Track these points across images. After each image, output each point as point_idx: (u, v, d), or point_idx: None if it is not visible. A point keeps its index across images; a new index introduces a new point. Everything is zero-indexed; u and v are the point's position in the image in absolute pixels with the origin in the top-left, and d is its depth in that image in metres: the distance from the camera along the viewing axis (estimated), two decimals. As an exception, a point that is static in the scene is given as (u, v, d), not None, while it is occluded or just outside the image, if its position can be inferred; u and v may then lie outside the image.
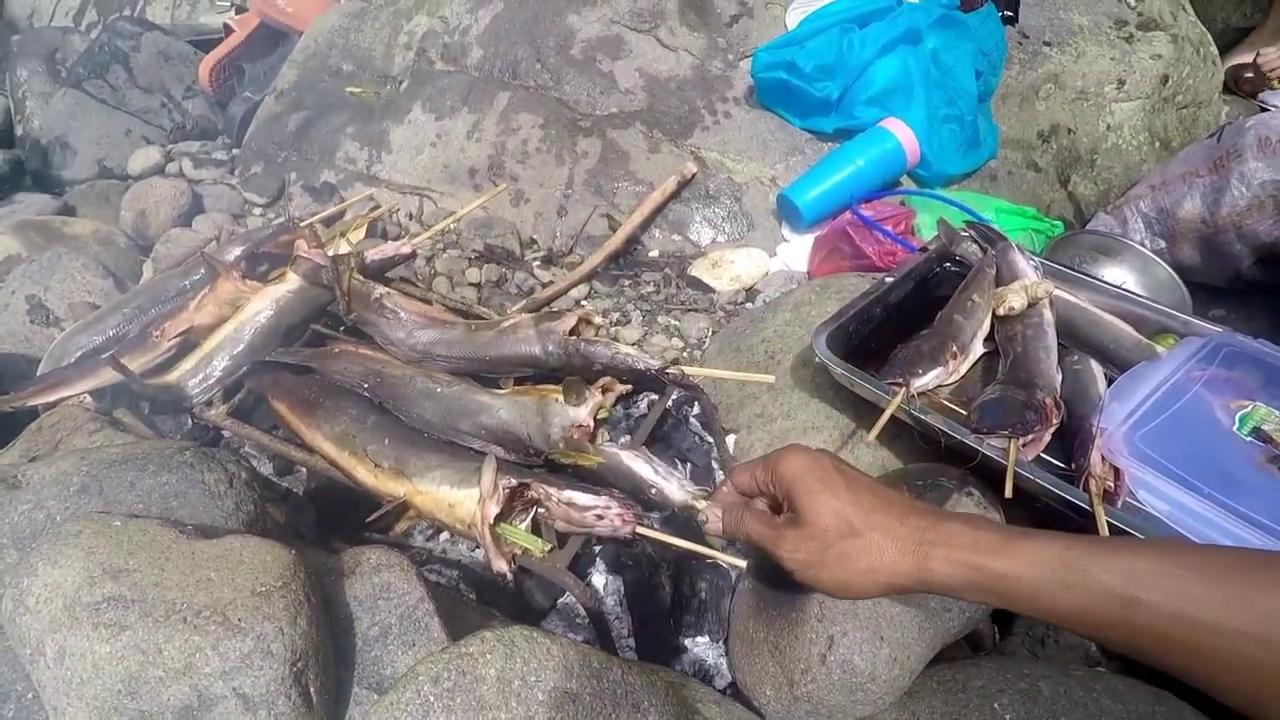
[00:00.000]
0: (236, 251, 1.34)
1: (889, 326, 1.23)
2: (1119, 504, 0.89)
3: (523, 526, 0.90)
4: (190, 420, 1.19)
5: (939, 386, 1.10)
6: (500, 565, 0.83)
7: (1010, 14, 1.87)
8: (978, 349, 1.16)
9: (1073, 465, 0.95)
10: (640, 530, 0.86)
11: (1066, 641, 1.02)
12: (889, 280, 1.25)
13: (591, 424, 0.93)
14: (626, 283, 1.62)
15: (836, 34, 1.72)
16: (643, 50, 1.89)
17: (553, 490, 0.86)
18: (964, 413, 1.04)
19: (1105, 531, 0.82)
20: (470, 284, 1.60)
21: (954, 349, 1.10)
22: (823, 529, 0.67)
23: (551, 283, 1.59)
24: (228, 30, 2.53)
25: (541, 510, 0.90)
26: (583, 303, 1.57)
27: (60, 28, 2.77)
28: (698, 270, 1.65)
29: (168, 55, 2.51)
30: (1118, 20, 1.95)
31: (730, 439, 1.24)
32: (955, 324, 1.14)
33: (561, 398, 0.94)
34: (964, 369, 1.14)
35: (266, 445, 1.08)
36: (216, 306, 1.22)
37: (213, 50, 2.48)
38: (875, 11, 1.78)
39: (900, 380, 1.04)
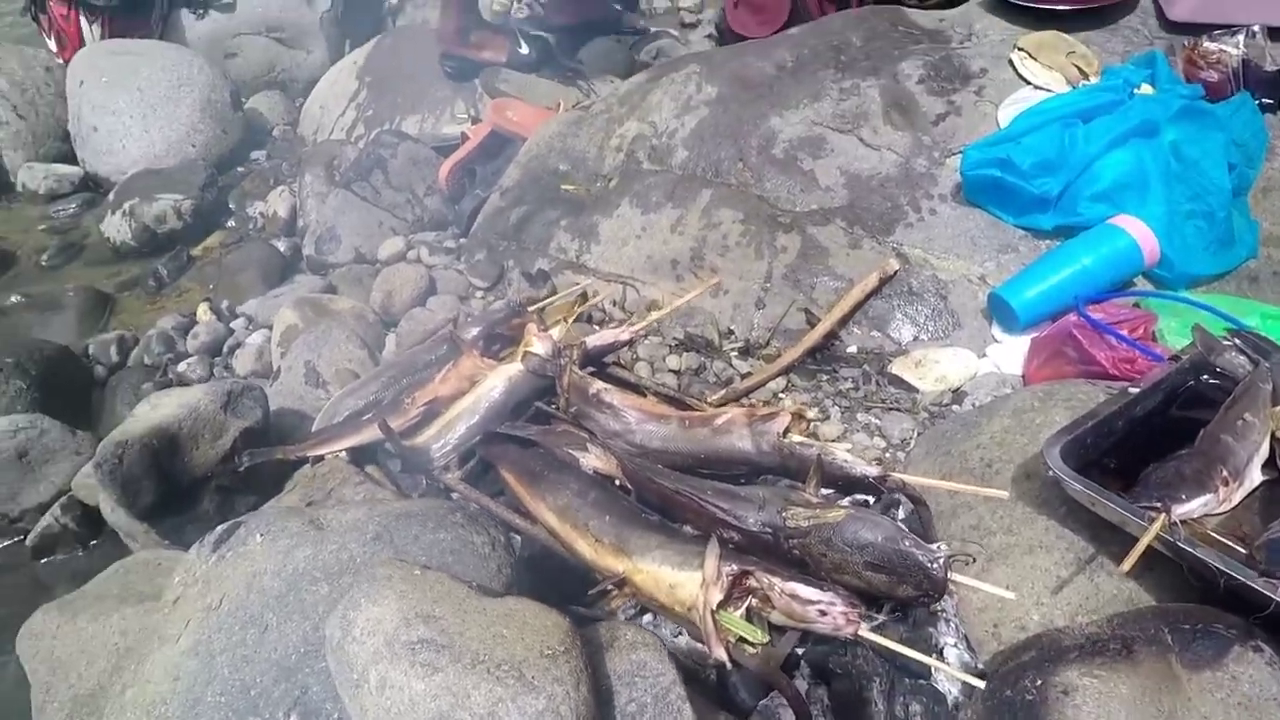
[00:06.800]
0: (475, 332, 1.51)
1: (1132, 444, 1.12)
2: None
3: (737, 615, 0.89)
4: (424, 481, 1.33)
5: (1205, 516, 0.97)
6: (720, 653, 0.82)
7: (1270, 100, 1.70)
8: (1254, 476, 1.02)
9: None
10: (862, 632, 0.83)
11: None
12: (1134, 391, 1.14)
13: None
14: (824, 378, 1.61)
15: (1058, 129, 1.66)
16: (844, 149, 1.93)
17: (776, 580, 0.85)
18: (1242, 550, 0.91)
19: None
20: (670, 370, 1.67)
21: (1224, 474, 0.98)
22: None
23: (750, 374, 1.62)
24: (464, 138, 2.94)
25: (755, 601, 0.89)
26: (779, 394, 1.57)
27: (337, 140, 3.34)
28: (899, 368, 1.60)
29: (415, 160, 2.94)
30: None
31: (943, 551, 1.16)
32: (1224, 445, 1.01)
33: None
34: (1236, 498, 1.00)
35: (493, 511, 1.17)
36: (458, 380, 1.38)
37: (450, 155, 2.88)
38: (1101, 106, 1.70)
39: (1159, 505, 0.93)
